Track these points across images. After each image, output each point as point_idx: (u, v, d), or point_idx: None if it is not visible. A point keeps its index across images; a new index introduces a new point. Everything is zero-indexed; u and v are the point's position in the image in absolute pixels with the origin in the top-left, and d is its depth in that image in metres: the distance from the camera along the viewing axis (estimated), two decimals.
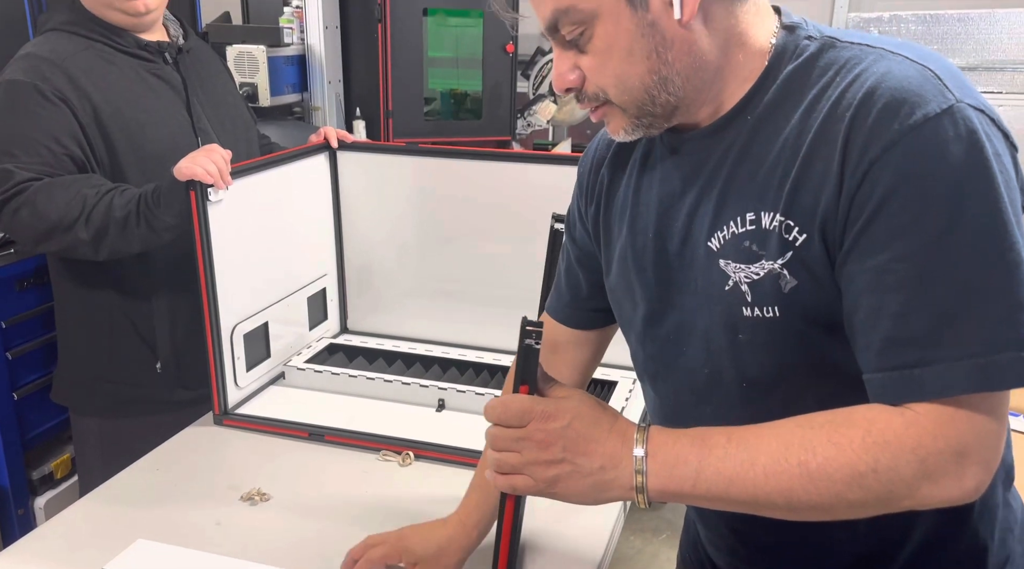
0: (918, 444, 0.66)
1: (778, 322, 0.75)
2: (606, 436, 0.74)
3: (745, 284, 0.76)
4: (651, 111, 0.77)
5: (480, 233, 1.68)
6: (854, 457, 0.67)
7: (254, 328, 1.51)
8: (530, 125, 3.41)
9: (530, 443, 0.75)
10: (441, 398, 1.50)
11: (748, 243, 0.75)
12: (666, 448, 0.73)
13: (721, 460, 0.71)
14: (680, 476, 0.72)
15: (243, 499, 1.23)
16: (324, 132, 1.68)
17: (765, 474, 0.69)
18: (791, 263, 0.73)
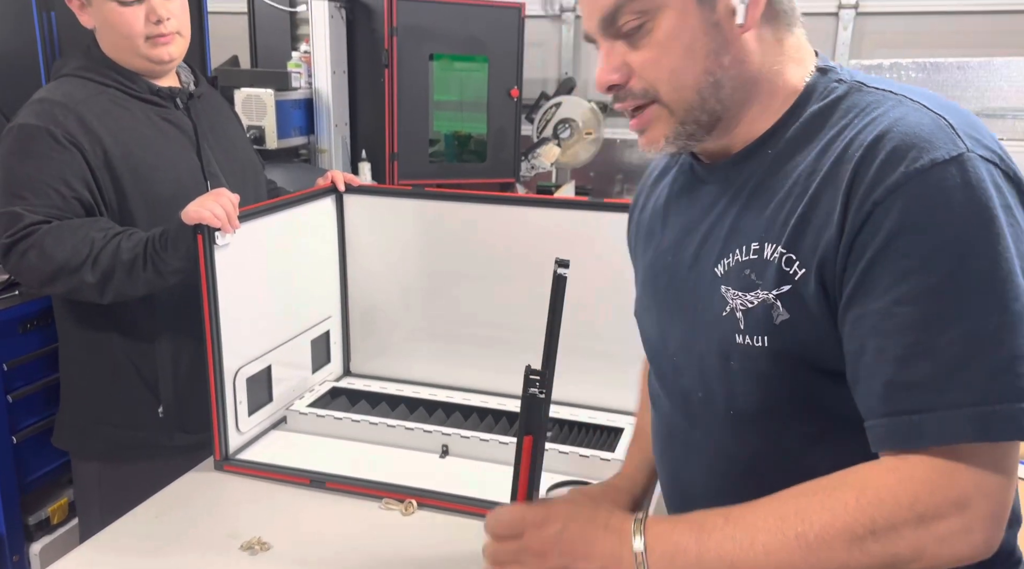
0: (915, 499, 0.65)
1: (766, 352, 0.75)
2: (603, 535, 0.74)
3: (740, 311, 0.76)
4: (696, 118, 0.78)
5: (484, 276, 1.68)
6: (850, 520, 0.65)
7: (257, 372, 1.50)
8: (534, 167, 3.44)
9: (528, 554, 0.75)
10: (445, 444, 1.48)
11: (748, 271, 0.76)
12: (664, 538, 0.72)
13: (720, 544, 0.69)
14: (682, 563, 0.71)
15: (243, 548, 1.21)
16: (331, 176, 1.69)
17: (766, 552, 0.68)
18: (787, 296, 0.73)
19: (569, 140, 3.46)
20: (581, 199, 1.63)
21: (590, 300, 1.61)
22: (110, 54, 1.51)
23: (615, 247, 1.58)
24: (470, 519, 1.29)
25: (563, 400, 1.64)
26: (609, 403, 1.63)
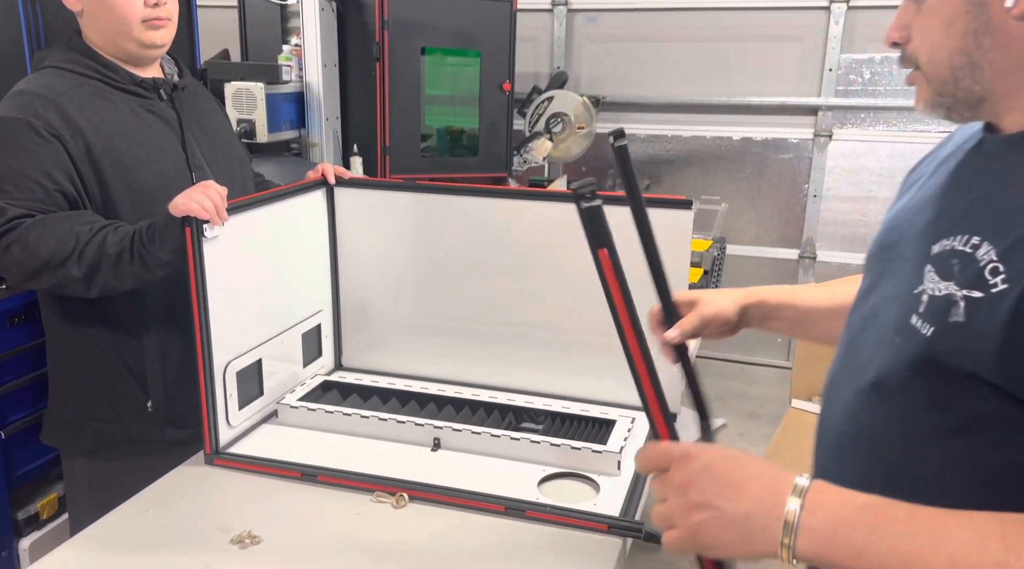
0: None
1: (925, 342, 0.72)
2: (755, 482, 0.70)
3: (927, 295, 0.74)
4: (951, 93, 0.77)
5: (476, 269, 1.67)
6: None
7: (247, 366, 1.49)
8: (526, 162, 3.44)
9: (673, 487, 0.73)
10: (436, 437, 1.47)
11: (955, 261, 0.73)
12: (829, 507, 0.67)
13: (899, 536, 0.64)
14: (843, 542, 0.65)
15: (233, 542, 1.20)
16: (322, 168, 1.68)
17: (951, 563, 0.62)
18: (973, 301, 0.69)
19: (561, 134, 3.45)
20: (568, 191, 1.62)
21: (582, 293, 1.61)
22: (97, 41, 1.49)
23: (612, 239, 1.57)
24: (462, 512, 1.28)
25: (555, 393, 1.64)
26: (601, 396, 1.62)
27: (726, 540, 0.70)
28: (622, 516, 1.26)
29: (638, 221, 0.95)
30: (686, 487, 0.72)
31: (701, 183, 4.05)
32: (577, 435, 1.48)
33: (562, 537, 1.22)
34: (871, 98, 3.64)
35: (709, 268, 2.50)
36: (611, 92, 4.00)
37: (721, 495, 0.71)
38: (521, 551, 1.19)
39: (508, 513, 1.27)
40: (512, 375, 1.68)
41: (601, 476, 1.37)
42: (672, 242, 1.51)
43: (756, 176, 3.99)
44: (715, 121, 3.99)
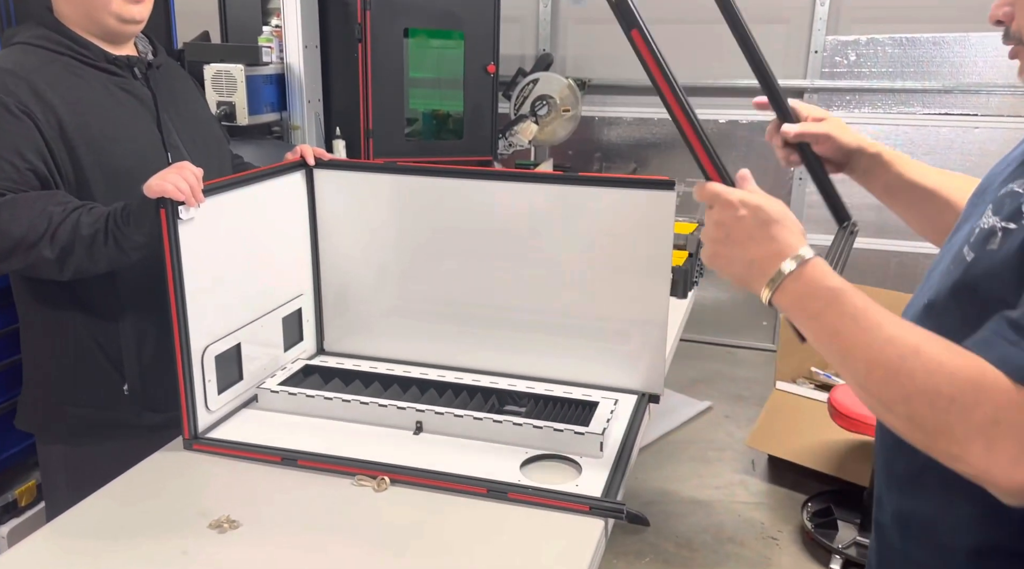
0: (1005, 406, 0.70)
1: (966, 267, 0.83)
2: (766, 241, 0.85)
3: (979, 228, 0.84)
4: None
5: (460, 252, 1.66)
6: (945, 380, 0.72)
7: (226, 350, 1.47)
8: (511, 145, 3.42)
9: (712, 221, 0.89)
10: (419, 420, 1.46)
11: (1008, 200, 0.82)
12: (809, 281, 0.82)
13: (842, 316, 0.79)
14: (806, 307, 0.82)
15: (211, 526, 1.19)
16: (300, 150, 1.65)
17: (868, 344, 0.76)
18: (1008, 232, 0.79)
19: (546, 117, 3.43)
20: (556, 173, 1.61)
21: (566, 276, 1.60)
22: (70, 15, 1.46)
23: (591, 222, 1.57)
24: (443, 494, 1.27)
25: (538, 376, 1.64)
26: (585, 378, 1.62)
27: (730, 272, 0.90)
28: (604, 497, 1.26)
29: None
30: (720, 225, 0.88)
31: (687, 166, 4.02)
32: (560, 417, 1.47)
33: (544, 519, 1.22)
34: (856, 80, 3.64)
35: (694, 251, 2.49)
36: (597, 75, 3.97)
37: (738, 243, 0.87)
38: (503, 533, 1.19)
39: (490, 495, 1.26)
40: (495, 358, 1.67)
41: (583, 458, 1.37)
42: (655, 223, 1.50)
43: (742, 159, 3.99)
44: (701, 104, 3.98)
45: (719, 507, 2.87)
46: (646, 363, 1.60)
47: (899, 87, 3.52)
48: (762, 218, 0.86)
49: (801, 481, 2.93)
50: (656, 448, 3.25)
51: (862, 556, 2.47)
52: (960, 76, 3.44)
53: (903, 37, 3.49)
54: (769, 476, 3.05)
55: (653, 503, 2.86)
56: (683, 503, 2.88)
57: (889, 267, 3.62)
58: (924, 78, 3.49)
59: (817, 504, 2.76)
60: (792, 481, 2.97)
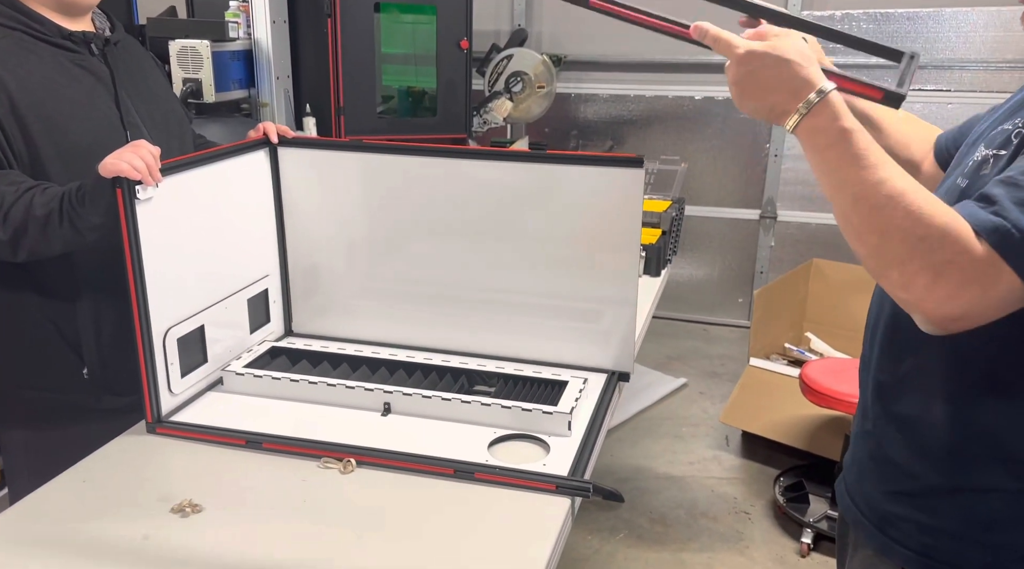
0: (962, 252, 0.81)
1: (959, 193, 0.95)
2: (782, 86, 0.90)
3: (973, 160, 0.97)
4: None
5: (430, 232, 1.64)
6: (921, 222, 0.82)
7: (189, 332, 1.44)
8: (486, 123, 3.38)
9: (732, 69, 0.93)
10: (387, 402, 1.45)
11: (998, 136, 0.95)
12: (821, 117, 0.88)
13: (844, 154, 0.87)
14: (816, 141, 0.89)
15: (173, 511, 1.17)
16: (263, 127, 1.62)
17: (860, 181, 0.85)
18: (998, 157, 0.92)
19: (521, 94, 3.40)
20: (524, 151, 1.59)
21: (536, 255, 1.58)
22: None
23: (560, 201, 1.55)
24: (410, 475, 1.27)
25: (508, 356, 1.63)
26: (554, 358, 1.61)
27: (756, 114, 0.94)
28: (571, 476, 1.25)
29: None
30: (740, 70, 0.93)
31: (663, 143, 4.03)
32: (529, 397, 1.47)
33: (511, 498, 1.21)
34: (831, 55, 3.63)
35: (667, 228, 2.49)
36: (572, 51, 3.94)
37: (757, 93, 0.92)
38: (469, 513, 1.18)
39: (457, 476, 1.26)
40: (465, 338, 1.66)
41: (552, 437, 1.36)
42: (624, 201, 1.49)
43: (718, 135, 3.98)
44: (677, 80, 3.96)
45: (693, 483, 2.89)
46: (616, 342, 1.59)
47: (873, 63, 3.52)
48: (772, 62, 0.90)
49: (774, 456, 2.97)
50: (631, 425, 3.26)
51: (832, 529, 2.51)
52: (934, 52, 3.45)
53: (877, 12, 3.49)
54: (742, 451, 3.08)
55: (628, 480, 2.88)
56: (657, 479, 2.91)
57: None
58: None
59: (789, 479, 2.79)
60: (765, 456, 3.01)
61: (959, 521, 0.97)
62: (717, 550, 2.53)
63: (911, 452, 1.01)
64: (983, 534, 0.96)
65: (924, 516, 1.00)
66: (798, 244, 3.94)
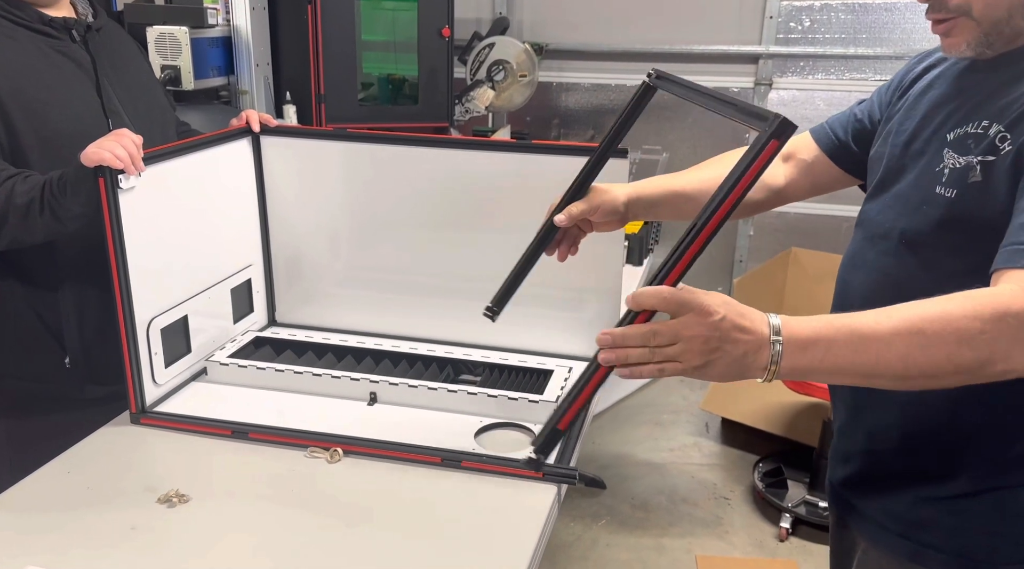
0: (1009, 306, 0.79)
1: (949, 204, 0.94)
2: (752, 326, 0.83)
3: (948, 168, 0.95)
4: (1001, 30, 0.93)
5: (414, 220, 1.64)
6: (964, 321, 0.79)
7: (172, 322, 1.43)
8: (468, 111, 3.37)
9: (690, 334, 0.82)
10: (373, 391, 1.45)
11: (971, 141, 0.93)
12: (800, 334, 0.83)
13: (854, 339, 0.82)
14: (811, 355, 0.82)
15: (160, 501, 1.17)
16: (246, 116, 1.60)
17: (889, 345, 0.80)
18: (987, 164, 0.91)
19: (503, 83, 3.38)
20: (508, 141, 1.59)
21: (520, 244, 1.59)
22: None
23: (547, 189, 1.55)
24: (397, 464, 1.27)
25: (494, 345, 1.64)
26: (539, 347, 1.62)
27: (723, 372, 0.84)
28: (557, 463, 1.27)
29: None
30: (706, 338, 0.82)
31: (644, 133, 4.04)
32: (515, 386, 1.48)
33: (498, 486, 1.23)
34: (811, 46, 3.66)
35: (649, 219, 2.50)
36: (553, 39, 3.93)
37: (729, 341, 0.82)
38: (457, 501, 1.19)
39: (444, 464, 1.27)
40: (450, 328, 1.67)
41: (538, 425, 1.38)
42: None
43: (698, 125, 4.00)
44: None
45: (673, 469, 2.93)
46: (600, 330, 1.60)
47: (852, 54, 3.55)
48: (734, 308, 0.83)
49: (753, 442, 3.01)
50: (612, 413, 3.29)
51: (811, 514, 2.56)
52: (911, 43, 3.48)
53: (855, 3, 3.51)
54: (722, 438, 3.12)
55: (609, 467, 2.91)
56: (638, 466, 2.94)
57: (840, 231, 3.69)
58: (876, 44, 3.52)
59: (768, 464, 2.83)
60: (744, 442, 3.05)
61: (991, 518, 0.98)
62: (697, 535, 2.57)
63: (934, 457, 1.00)
64: (1015, 526, 0.97)
65: (954, 519, 1.00)
66: (777, 233, 3.97)
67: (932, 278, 0.91)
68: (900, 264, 1.00)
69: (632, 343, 0.85)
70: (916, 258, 0.98)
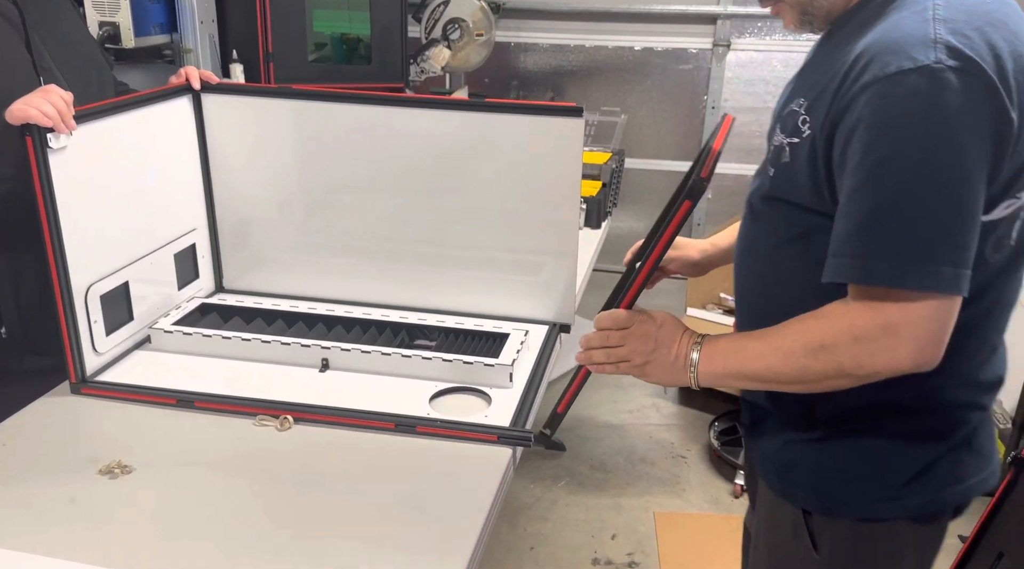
0: (852, 324, 0.88)
1: (770, 180, 1.02)
2: (681, 337, 1.03)
3: (775, 145, 1.01)
4: (812, 12, 1.00)
5: (366, 183, 1.59)
6: (811, 337, 0.92)
7: (112, 289, 1.38)
8: (424, 71, 3.29)
9: (635, 338, 1.03)
10: (324, 358, 1.42)
11: (790, 118, 0.97)
12: (710, 348, 1.01)
13: (741, 351, 0.98)
14: (717, 367, 1.00)
15: (102, 473, 1.13)
16: (185, 73, 1.53)
17: (762, 358, 0.96)
18: (793, 146, 0.96)
19: (459, 42, 3.31)
20: (462, 99, 1.55)
21: (476, 207, 1.56)
22: None
23: (499, 151, 1.52)
24: (350, 431, 1.25)
25: (448, 309, 1.61)
26: (495, 310, 1.61)
27: (660, 373, 1.04)
28: (512, 426, 1.26)
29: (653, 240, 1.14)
30: (646, 339, 1.03)
31: (603, 94, 4.01)
32: (471, 350, 1.46)
33: (453, 450, 1.21)
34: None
35: (607, 181, 2.49)
36: None
37: (663, 343, 1.03)
38: (411, 467, 1.18)
39: (398, 430, 1.25)
40: (404, 292, 1.64)
41: (493, 389, 1.36)
42: (564, 151, 1.47)
43: (657, 87, 3.98)
44: (617, 30, 3.92)
45: (632, 430, 2.96)
46: (557, 294, 1.59)
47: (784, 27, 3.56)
48: (671, 321, 1.04)
49: (709, 402, 3.05)
50: None
51: None
52: None
53: None
54: (680, 399, 3.16)
55: (569, 429, 2.93)
56: (598, 428, 2.96)
57: None
58: None
59: (723, 423, 2.88)
60: (701, 402, 3.09)
61: (846, 460, 1.04)
62: (655, 494, 2.60)
63: (796, 408, 1.06)
64: (866, 466, 1.03)
65: (814, 460, 1.06)
66: (734, 196, 4.00)
67: (768, 244, 1.05)
68: (750, 231, 1.10)
69: (594, 345, 1.06)
70: (757, 226, 1.08)
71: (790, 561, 1.11)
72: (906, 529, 1.04)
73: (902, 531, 1.04)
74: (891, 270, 0.84)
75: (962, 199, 0.83)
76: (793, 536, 1.09)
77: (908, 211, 0.83)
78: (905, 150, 0.83)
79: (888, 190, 0.84)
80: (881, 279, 0.85)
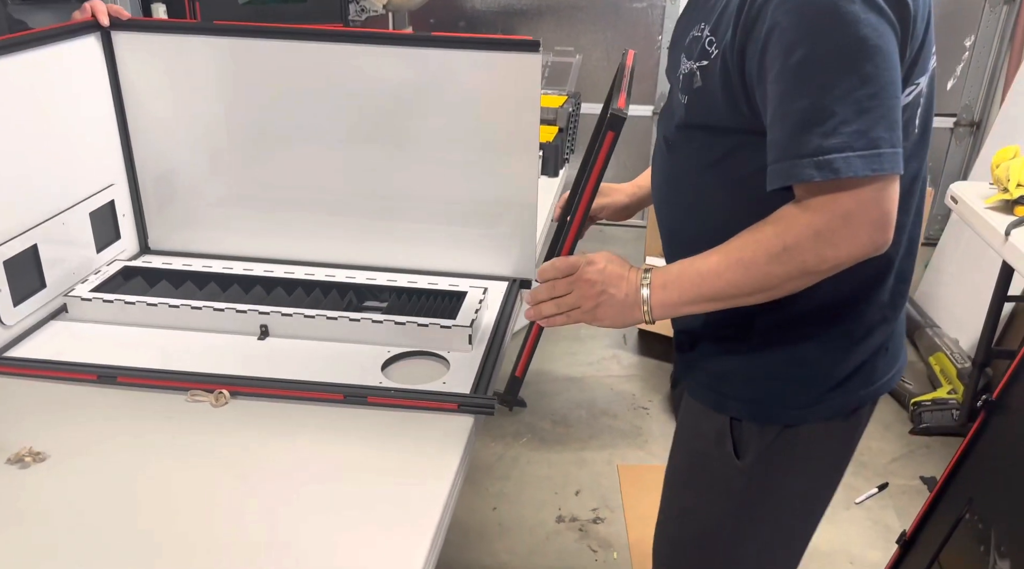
0: (810, 221, 0.88)
1: (685, 106, 1.02)
2: (628, 274, 1.00)
3: (682, 74, 1.01)
4: None
5: (305, 130, 1.44)
6: (771, 243, 0.90)
7: (18, 253, 1.23)
8: (364, 11, 3.09)
9: (581, 283, 1.00)
10: (263, 324, 1.30)
11: (694, 45, 0.99)
12: (660, 278, 0.98)
13: (695, 274, 0.96)
14: (668, 292, 0.98)
15: (11, 462, 1.01)
16: (90, 8, 1.35)
17: (719, 276, 0.94)
18: (703, 69, 0.97)
19: None
20: (406, 33, 1.40)
21: (426, 154, 1.43)
22: None
23: (449, 91, 1.39)
24: (295, 404, 1.14)
25: (399, 267, 1.50)
26: (450, 267, 1.49)
27: (612, 315, 1.01)
28: (473, 393, 1.16)
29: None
30: (592, 283, 1.00)
31: (556, 35, 3.85)
32: (425, 311, 1.35)
33: (410, 420, 1.11)
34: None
35: (564, 126, 2.36)
36: None
37: (611, 284, 1.00)
38: (363, 441, 1.07)
39: (348, 401, 1.14)
40: (350, 250, 1.51)
41: (452, 352, 1.26)
42: (520, 90, 1.35)
43: (611, 27, 3.84)
44: None
45: (592, 382, 2.91)
46: (516, 247, 1.49)
47: None
48: (615, 260, 1.01)
49: (670, 352, 2.99)
50: None
51: None
52: None
53: None
54: (640, 349, 3.12)
55: (529, 384, 2.86)
56: (558, 381, 2.90)
57: None
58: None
59: None
60: (661, 352, 3.05)
61: (779, 368, 1.08)
62: (618, 446, 2.56)
63: (731, 321, 1.08)
64: (798, 373, 1.07)
65: (749, 370, 1.10)
66: None
67: (690, 172, 1.05)
68: (667, 163, 1.10)
69: (542, 298, 1.03)
70: (675, 157, 1.08)
71: (710, 468, 1.16)
72: (822, 431, 1.10)
73: (820, 433, 1.10)
74: (841, 161, 0.85)
75: (889, 80, 0.85)
76: (716, 444, 1.13)
77: (842, 101, 0.84)
78: (826, 44, 0.84)
79: (818, 86, 0.84)
80: (833, 172, 0.85)
